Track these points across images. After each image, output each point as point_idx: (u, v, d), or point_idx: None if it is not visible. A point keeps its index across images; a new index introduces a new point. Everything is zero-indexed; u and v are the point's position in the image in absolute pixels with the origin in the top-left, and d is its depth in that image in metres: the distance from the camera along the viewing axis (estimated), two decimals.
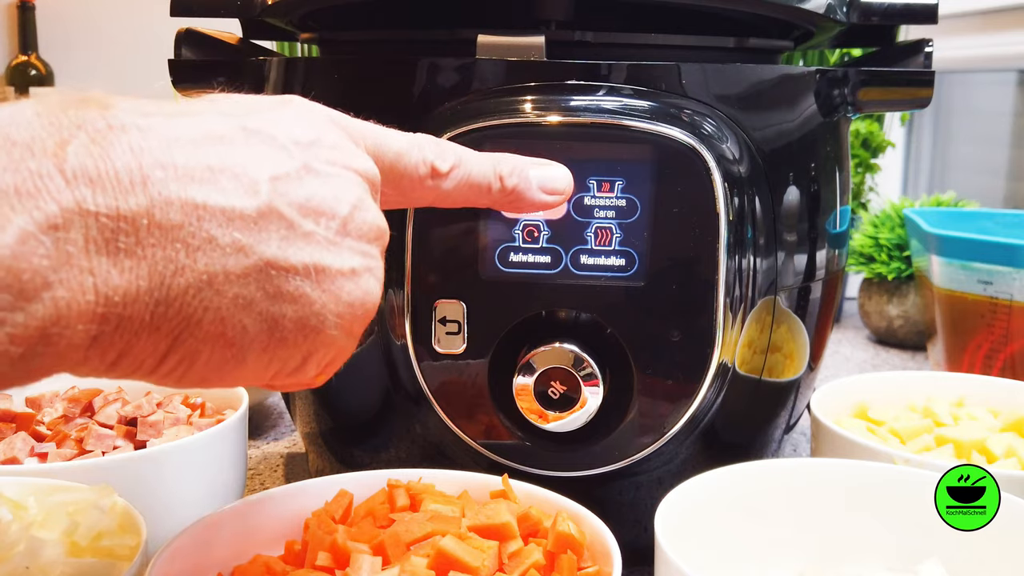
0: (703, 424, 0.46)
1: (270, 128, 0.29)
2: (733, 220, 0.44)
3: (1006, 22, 1.34)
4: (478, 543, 0.37)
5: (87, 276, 0.24)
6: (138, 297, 0.25)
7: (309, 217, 0.28)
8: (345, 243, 0.29)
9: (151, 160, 0.25)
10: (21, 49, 2.03)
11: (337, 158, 0.30)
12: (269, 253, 0.27)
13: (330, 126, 0.31)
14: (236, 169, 0.27)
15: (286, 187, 0.28)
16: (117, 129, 0.25)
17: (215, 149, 0.27)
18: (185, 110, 0.28)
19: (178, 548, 0.37)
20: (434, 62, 0.45)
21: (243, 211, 0.27)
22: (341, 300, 0.29)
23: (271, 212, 0.27)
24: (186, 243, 0.26)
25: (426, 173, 0.35)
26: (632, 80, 0.44)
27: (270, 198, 0.27)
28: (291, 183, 0.28)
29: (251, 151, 0.28)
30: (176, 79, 0.55)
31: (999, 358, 0.73)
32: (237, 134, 0.28)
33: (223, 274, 0.26)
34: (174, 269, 0.26)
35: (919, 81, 0.50)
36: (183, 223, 0.26)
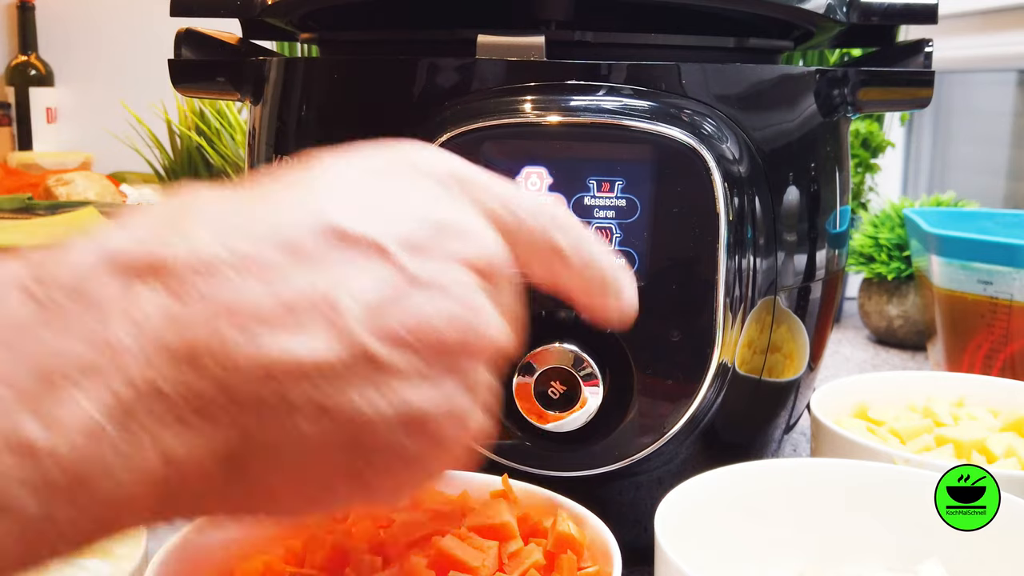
0: (703, 424, 0.46)
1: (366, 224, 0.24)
2: (733, 220, 0.44)
3: (1006, 22, 1.34)
4: (478, 543, 0.37)
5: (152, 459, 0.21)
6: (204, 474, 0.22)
7: (405, 349, 0.23)
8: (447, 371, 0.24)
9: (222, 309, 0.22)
10: (21, 49, 2.03)
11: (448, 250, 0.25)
12: (354, 407, 0.23)
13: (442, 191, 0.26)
14: (323, 303, 0.23)
15: (381, 316, 0.23)
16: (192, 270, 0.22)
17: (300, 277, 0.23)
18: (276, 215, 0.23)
19: (178, 548, 0.37)
20: (434, 62, 0.45)
21: (327, 361, 0.22)
22: (437, 443, 0.25)
23: (359, 355, 0.23)
24: (260, 409, 0.22)
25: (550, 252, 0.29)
26: (632, 80, 0.44)
27: (360, 338, 0.23)
28: (387, 306, 0.23)
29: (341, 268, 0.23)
30: (176, 79, 0.55)
31: (999, 358, 0.73)
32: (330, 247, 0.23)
33: (300, 440, 0.23)
34: (246, 439, 0.22)
35: (919, 81, 0.50)
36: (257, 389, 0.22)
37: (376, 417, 0.23)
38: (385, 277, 0.23)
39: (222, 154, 1.18)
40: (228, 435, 0.22)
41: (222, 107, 1.17)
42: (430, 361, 0.24)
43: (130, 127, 1.26)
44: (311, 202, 0.24)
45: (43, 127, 2.04)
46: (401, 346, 0.23)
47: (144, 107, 1.25)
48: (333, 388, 0.22)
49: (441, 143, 0.43)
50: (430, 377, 0.24)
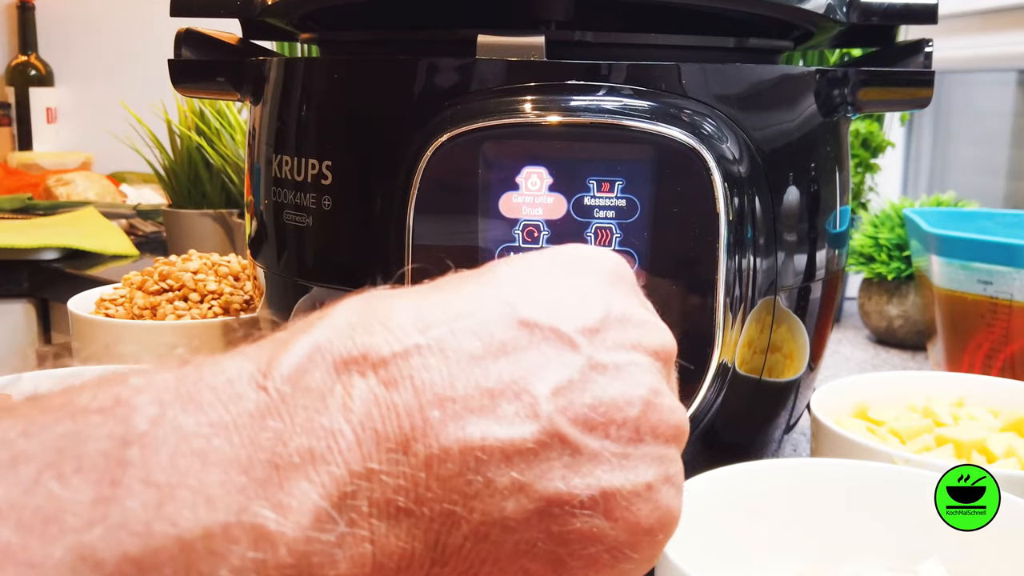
0: (703, 424, 0.46)
1: (551, 316, 0.25)
2: (733, 220, 0.44)
3: (1006, 22, 1.34)
4: None
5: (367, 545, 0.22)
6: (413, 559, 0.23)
7: (596, 431, 0.24)
8: (638, 453, 0.25)
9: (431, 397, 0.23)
10: (21, 49, 2.03)
11: (626, 338, 0.26)
12: (552, 488, 0.24)
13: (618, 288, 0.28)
14: (516, 388, 0.24)
15: (569, 397, 0.24)
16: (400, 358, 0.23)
17: (496, 365, 0.24)
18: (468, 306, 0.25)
19: None
20: (434, 62, 0.45)
21: (523, 443, 0.23)
22: (636, 525, 0.25)
23: (553, 436, 0.24)
24: (463, 492, 0.23)
25: None
26: (632, 80, 0.44)
27: (551, 419, 0.24)
28: (575, 390, 0.24)
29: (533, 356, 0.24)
30: (176, 79, 0.55)
31: (999, 358, 0.73)
32: (519, 335, 0.25)
33: (501, 522, 0.23)
34: (450, 524, 0.23)
35: (919, 81, 0.50)
36: (460, 470, 0.23)
37: (571, 497, 0.24)
38: (570, 363, 0.25)
39: (222, 154, 1.18)
40: (437, 519, 0.23)
41: (222, 107, 1.17)
42: (620, 442, 0.25)
43: (130, 127, 1.26)
44: (498, 294, 0.26)
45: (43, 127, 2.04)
46: (591, 428, 0.24)
47: (144, 107, 1.25)
48: (531, 470, 0.23)
49: (441, 143, 0.43)
50: (621, 457, 0.25)
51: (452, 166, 0.44)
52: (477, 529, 0.23)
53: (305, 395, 0.22)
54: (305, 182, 0.48)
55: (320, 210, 0.47)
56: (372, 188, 0.46)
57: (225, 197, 1.24)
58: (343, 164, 0.47)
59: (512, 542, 0.24)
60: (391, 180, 0.45)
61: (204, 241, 1.19)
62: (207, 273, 0.73)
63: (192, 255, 0.75)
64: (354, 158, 0.47)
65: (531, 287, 0.26)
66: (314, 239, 0.48)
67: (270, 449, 0.21)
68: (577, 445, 0.24)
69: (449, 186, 0.44)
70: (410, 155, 0.44)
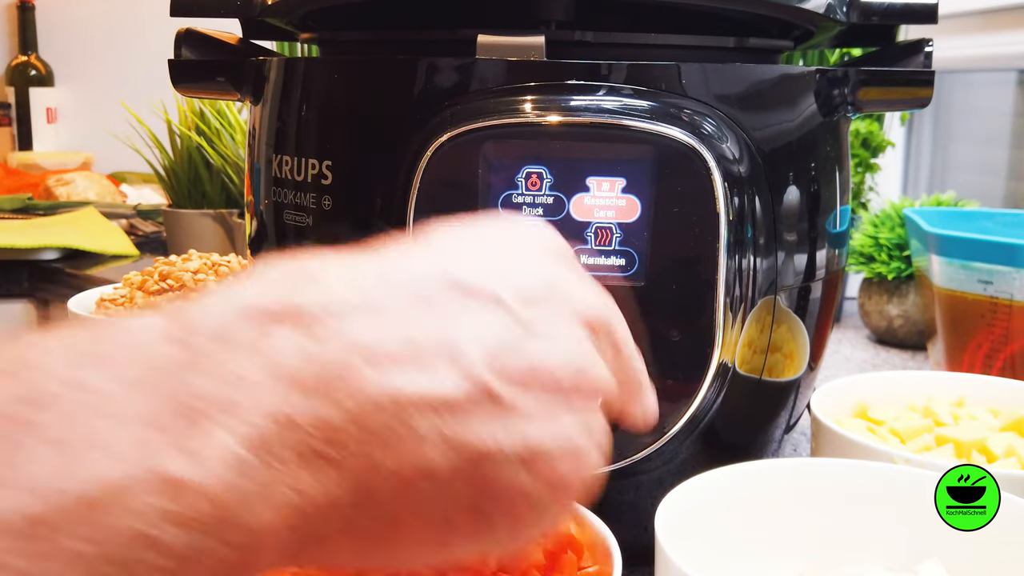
0: (703, 424, 0.46)
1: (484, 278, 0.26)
2: (733, 220, 0.44)
3: (1006, 22, 1.34)
4: None
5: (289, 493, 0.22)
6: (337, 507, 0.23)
7: (524, 389, 0.25)
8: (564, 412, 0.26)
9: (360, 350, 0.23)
10: (21, 49, 2.03)
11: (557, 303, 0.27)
12: (478, 442, 0.24)
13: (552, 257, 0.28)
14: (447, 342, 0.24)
15: (500, 355, 0.25)
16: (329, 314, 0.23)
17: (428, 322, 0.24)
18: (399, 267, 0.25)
19: None
20: (434, 62, 0.45)
21: (452, 397, 0.24)
22: (557, 481, 0.26)
23: (482, 391, 0.24)
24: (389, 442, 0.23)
25: None
26: (632, 80, 0.44)
27: (482, 375, 0.24)
28: (505, 349, 0.25)
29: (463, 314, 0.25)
30: (176, 79, 0.55)
31: (999, 358, 0.73)
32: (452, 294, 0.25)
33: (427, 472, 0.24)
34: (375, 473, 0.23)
35: (919, 81, 0.50)
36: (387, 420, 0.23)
37: (497, 451, 0.24)
38: (503, 324, 0.25)
39: (222, 154, 1.18)
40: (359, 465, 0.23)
41: (222, 107, 1.17)
42: (547, 400, 0.26)
43: (130, 127, 1.26)
44: (433, 259, 0.26)
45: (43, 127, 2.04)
46: (520, 385, 0.25)
47: (144, 107, 1.25)
48: (458, 422, 0.24)
49: (441, 143, 0.43)
50: (547, 415, 0.25)
51: (452, 166, 0.44)
52: (403, 479, 0.23)
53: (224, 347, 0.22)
54: (305, 182, 0.48)
55: (320, 210, 0.48)
56: (372, 188, 0.46)
57: (225, 197, 1.24)
58: (343, 164, 0.47)
59: (437, 492, 0.24)
60: (391, 180, 0.45)
61: (204, 241, 1.19)
62: (207, 273, 0.73)
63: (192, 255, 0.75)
64: (354, 158, 0.47)
65: (467, 254, 0.27)
66: (314, 239, 0.48)
67: (184, 401, 0.21)
68: (506, 401, 0.25)
69: (449, 186, 0.44)
70: (410, 155, 0.44)
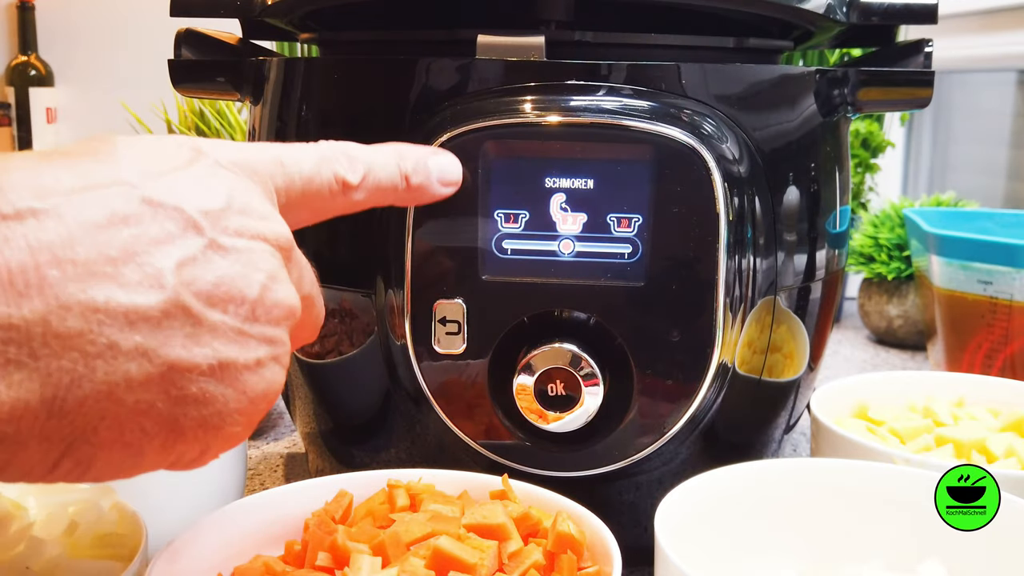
0: (703, 424, 0.46)
1: (175, 197, 0.26)
2: (733, 220, 0.44)
3: (1006, 22, 1.34)
4: (477, 543, 0.37)
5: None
6: (27, 411, 0.23)
7: (217, 307, 0.26)
8: (253, 331, 0.27)
9: (49, 256, 0.23)
10: (21, 49, 2.03)
11: (247, 226, 0.28)
12: (173, 355, 0.25)
13: (239, 181, 0.29)
14: (140, 258, 0.25)
15: (193, 273, 0.26)
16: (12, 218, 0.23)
17: (119, 234, 0.25)
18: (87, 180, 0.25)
19: (178, 548, 0.37)
20: (434, 62, 0.45)
21: (147, 310, 0.25)
22: (245, 395, 0.27)
23: (176, 307, 0.25)
24: (84, 351, 0.24)
25: (337, 189, 0.34)
26: (632, 80, 0.44)
27: (176, 291, 0.25)
28: (198, 267, 0.26)
29: (156, 231, 0.25)
30: (176, 79, 0.55)
31: (999, 358, 0.73)
32: (143, 211, 0.25)
33: (124, 382, 0.24)
34: (70, 380, 0.23)
35: (919, 81, 0.50)
36: (82, 329, 0.23)
37: (191, 363, 0.26)
38: (193, 241, 0.26)
39: None
40: (52, 373, 0.23)
41: (222, 107, 1.17)
42: (237, 319, 0.27)
43: (130, 127, 1.25)
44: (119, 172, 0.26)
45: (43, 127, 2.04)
46: (212, 303, 0.26)
47: (144, 107, 1.25)
48: (153, 334, 0.25)
49: (441, 143, 0.43)
50: (237, 333, 0.27)
51: None
52: (99, 388, 0.24)
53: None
54: None
55: None
56: None
57: None
58: None
59: (132, 401, 0.25)
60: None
61: None
62: None
63: None
64: None
65: (153, 170, 0.27)
66: (314, 239, 0.48)
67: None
68: (199, 317, 0.26)
69: None
70: None
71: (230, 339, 0.27)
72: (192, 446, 0.27)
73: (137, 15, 1.88)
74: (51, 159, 0.26)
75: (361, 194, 0.35)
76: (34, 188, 0.24)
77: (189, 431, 0.27)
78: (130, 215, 0.25)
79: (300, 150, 0.33)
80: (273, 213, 0.30)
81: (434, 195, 0.38)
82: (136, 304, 0.24)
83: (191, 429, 0.27)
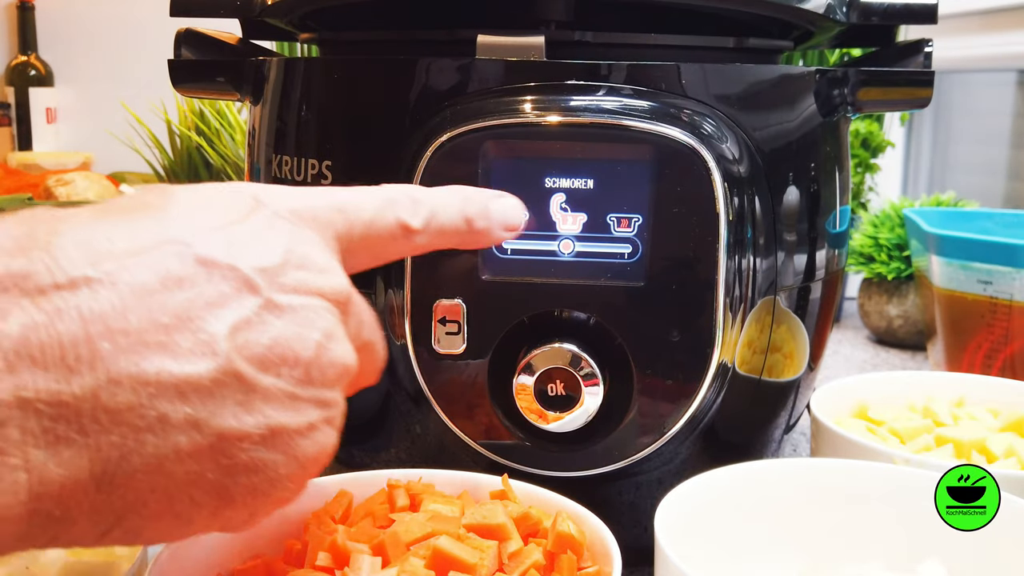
0: (703, 424, 0.46)
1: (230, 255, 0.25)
2: (733, 220, 0.44)
3: (1006, 22, 1.34)
4: (477, 543, 0.37)
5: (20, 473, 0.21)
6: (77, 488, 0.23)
7: (270, 371, 0.25)
8: (306, 394, 0.26)
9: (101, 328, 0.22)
10: (21, 49, 2.03)
11: (304, 282, 0.27)
12: (224, 424, 0.24)
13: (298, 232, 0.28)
14: (193, 324, 0.24)
15: (247, 337, 0.25)
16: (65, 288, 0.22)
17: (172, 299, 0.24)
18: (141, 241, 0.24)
19: (178, 548, 0.37)
20: (434, 62, 0.45)
21: (199, 379, 0.24)
22: (296, 461, 0.27)
23: (228, 374, 0.24)
24: (134, 425, 0.23)
25: (399, 234, 0.32)
26: (632, 80, 0.44)
27: (228, 357, 0.24)
28: (252, 330, 0.25)
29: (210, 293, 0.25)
30: (176, 79, 0.55)
31: (999, 358, 0.73)
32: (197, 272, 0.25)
33: (174, 454, 0.24)
34: (119, 455, 0.23)
35: (919, 81, 0.50)
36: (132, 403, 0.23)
37: (242, 432, 0.25)
38: (248, 302, 0.25)
39: (222, 154, 1.18)
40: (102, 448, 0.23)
41: (222, 107, 1.17)
42: (291, 382, 0.26)
43: (130, 127, 1.25)
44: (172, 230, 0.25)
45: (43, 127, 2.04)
46: (265, 367, 0.25)
47: (144, 107, 1.25)
48: (205, 405, 0.24)
49: (441, 143, 0.43)
50: (290, 397, 0.26)
51: (452, 166, 0.44)
52: (149, 461, 0.23)
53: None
54: (305, 182, 0.48)
55: None
56: None
57: None
58: (343, 164, 0.47)
59: (182, 473, 0.24)
60: (391, 180, 0.44)
61: None
62: None
63: None
64: (354, 158, 0.47)
65: (209, 224, 0.26)
66: None
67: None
68: (252, 383, 0.25)
69: None
70: (410, 155, 0.44)
71: (282, 404, 0.26)
72: (240, 512, 0.27)
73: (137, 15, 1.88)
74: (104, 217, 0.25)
75: (424, 238, 0.33)
76: (87, 254, 0.23)
77: (239, 498, 0.26)
78: (184, 277, 0.24)
79: (362, 194, 0.32)
80: (332, 264, 0.29)
81: (495, 240, 0.36)
82: (188, 374, 0.23)
83: (240, 496, 0.26)
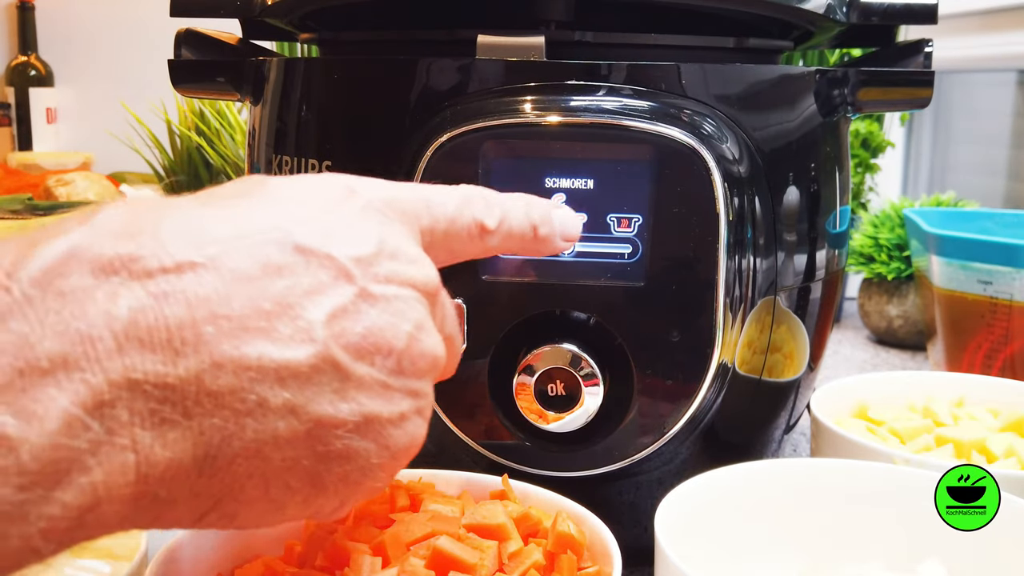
0: (703, 424, 0.46)
1: (327, 244, 0.26)
2: (733, 220, 0.44)
3: (1006, 22, 1.34)
4: (477, 543, 0.37)
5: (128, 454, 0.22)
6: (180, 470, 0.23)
7: (364, 359, 0.26)
8: (398, 384, 0.27)
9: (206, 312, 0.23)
10: (21, 49, 2.03)
11: (397, 272, 0.27)
12: (321, 411, 0.25)
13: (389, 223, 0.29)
14: (293, 311, 0.24)
15: (343, 325, 0.25)
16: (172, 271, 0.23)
17: (273, 286, 0.24)
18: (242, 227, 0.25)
19: (178, 548, 0.37)
20: (434, 62, 0.45)
21: (298, 365, 0.24)
22: (387, 450, 0.27)
23: (326, 361, 0.25)
24: (235, 408, 0.23)
25: (476, 233, 0.33)
26: (632, 80, 0.44)
27: (326, 344, 0.25)
28: (348, 318, 0.25)
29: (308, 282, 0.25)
30: (176, 79, 0.55)
31: (999, 358, 0.73)
32: (295, 260, 0.25)
33: (272, 440, 0.24)
34: (220, 439, 0.23)
35: (919, 81, 0.50)
36: (233, 387, 0.23)
37: (337, 419, 0.25)
38: (343, 291, 0.26)
39: (222, 154, 1.18)
40: (205, 431, 0.23)
41: (222, 107, 1.17)
42: (384, 372, 0.26)
43: (130, 127, 1.26)
44: (273, 217, 0.26)
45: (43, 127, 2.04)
46: (360, 356, 0.26)
47: (144, 107, 1.25)
48: (302, 391, 0.24)
49: (441, 143, 0.43)
50: (383, 387, 0.26)
51: (452, 166, 0.44)
52: (248, 446, 0.24)
53: (58, 299, 0.21)
54: None
55: None
56: None
57: None
58: (343, 164, 0.47)
59: (279, 459, 0.25)
60: (391, 180, 0.45)
61: None
62: None
63: None
64: (354, 158, 0.47)
65: (307, 213, 0.26)
66: None
67: (13, 353, 0.20)
68: (347, 371, 0.25)
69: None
70: (410, 155, 0.44)
71: (376, 393, 0.26)
72: (331, 500, 0.27)
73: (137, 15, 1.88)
74: (206, 204, 0.26)
75: (496, 239, 0.34)
76: (192, 238, 0.24)
77: (331, 486, 0.26)
78: (284, 265, 0.25)
79: (445, 191, 0.32)
80: (422, 256, 0.29)
81: (556, 249, 0.36)
82: (287, 359, 0.24)
83: (332, 484, 0.26)
